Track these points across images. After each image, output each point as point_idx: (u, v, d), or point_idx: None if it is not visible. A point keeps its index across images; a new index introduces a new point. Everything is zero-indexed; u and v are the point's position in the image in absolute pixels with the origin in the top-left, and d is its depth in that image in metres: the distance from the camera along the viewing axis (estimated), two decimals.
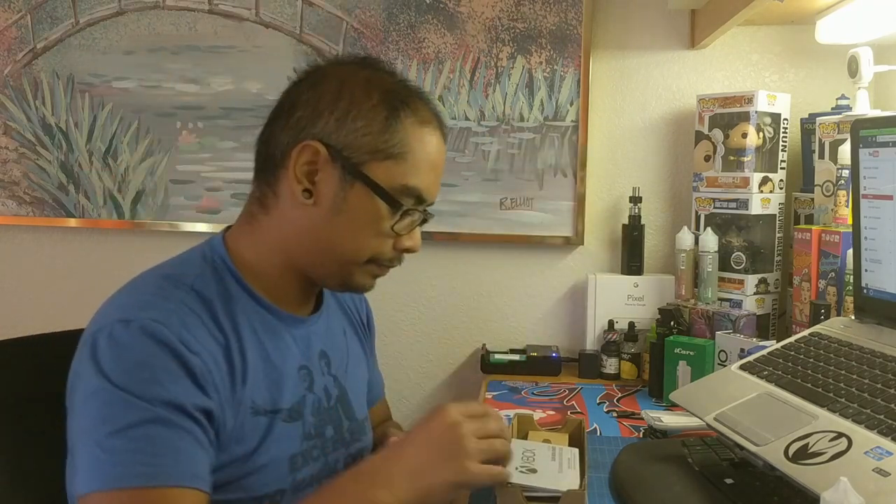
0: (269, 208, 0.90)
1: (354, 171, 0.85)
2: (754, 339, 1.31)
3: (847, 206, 1.35)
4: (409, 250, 0.92)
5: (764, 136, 1.54)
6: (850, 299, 1.24)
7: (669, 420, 1.16)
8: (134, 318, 0.78)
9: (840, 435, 0.79)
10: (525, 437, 1.02)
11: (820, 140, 1.47)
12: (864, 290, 1.08)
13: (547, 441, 0.97)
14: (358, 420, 1.01)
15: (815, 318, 1.25)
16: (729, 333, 1.36)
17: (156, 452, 0.74)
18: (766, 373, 1.00)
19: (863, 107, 1.43)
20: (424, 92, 0.94)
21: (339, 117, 0.86)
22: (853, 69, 1.43)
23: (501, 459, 0.82)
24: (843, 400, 0.86)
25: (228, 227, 0.95)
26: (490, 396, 1.45)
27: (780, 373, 0.99)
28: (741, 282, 1.57)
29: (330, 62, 0.93)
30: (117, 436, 0.73)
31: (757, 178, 1.54)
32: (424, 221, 0.92)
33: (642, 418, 1.26)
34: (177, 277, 0.85)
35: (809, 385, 0.93)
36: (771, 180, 1.56)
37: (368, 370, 1.12)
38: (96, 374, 0.76)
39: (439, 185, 0.94)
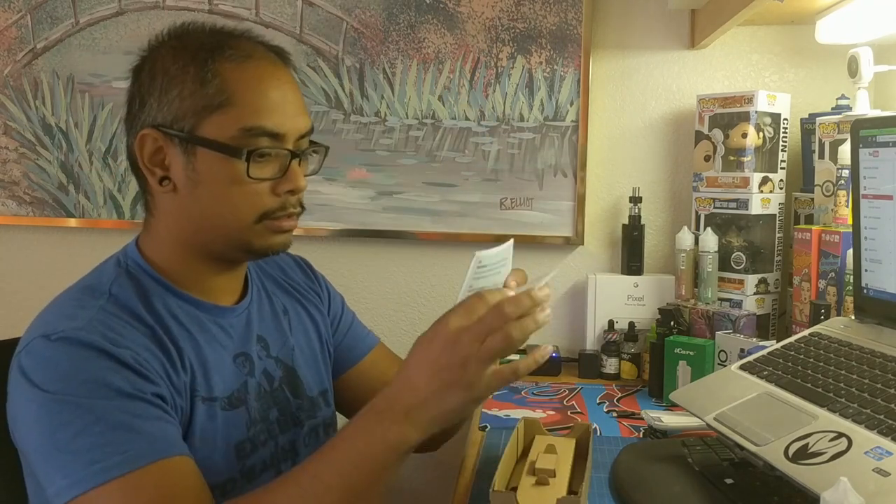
0: (151, 209, 0.90)
1: (188, 138, 0.83)
2: (754, 339, 1.31)
3: (847, 206, 1.35)
4: (291, 192, 0.87)
5: (764, 136, 1.54)
6: (850, 299, 1.24)
7: (669, 420, 1.16)
8: (53, 332, 0.78)
9: (840, 435, 0.79)
10: (531, 442, 1.02)
11: (820, 140, 1.47)
12: (864, 290, 1.08)
13: (552, 446, 0.97)
14: (310, 397, 1.00)
15: (815, 318, 1.25)
16: (729, 333, 1.36)
17: (124, 439, 0.73)
18: (766, 373, 1.00)
19: (863, 107, 1.43)
20: (246, 30, 0.90)
21: (158, 96, 0.84)
22: (853, 69, 1.43)
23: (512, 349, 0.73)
24: (843, 400, 0.86)
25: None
26: (490, 397, 1.45)
27: (780, 373, 0.99)
28: (741, 282, 1.57)
29: (147, 48, 0.89)
30: (79, 437, 0.73)
31: (757, 178, 1.54)
32: (296, 157, 0.87)
33: (642, 418, 1.26)
34: (93, 287, 0.85)
35: (809, 385, 0.93)
36: (771, 180, 1.56)
37: (338, 332, 1.11)
38: (33, 390, 0.75)
39: (297, 115, 0.87)
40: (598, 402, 1.41)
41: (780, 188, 1.58)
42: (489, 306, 0.73)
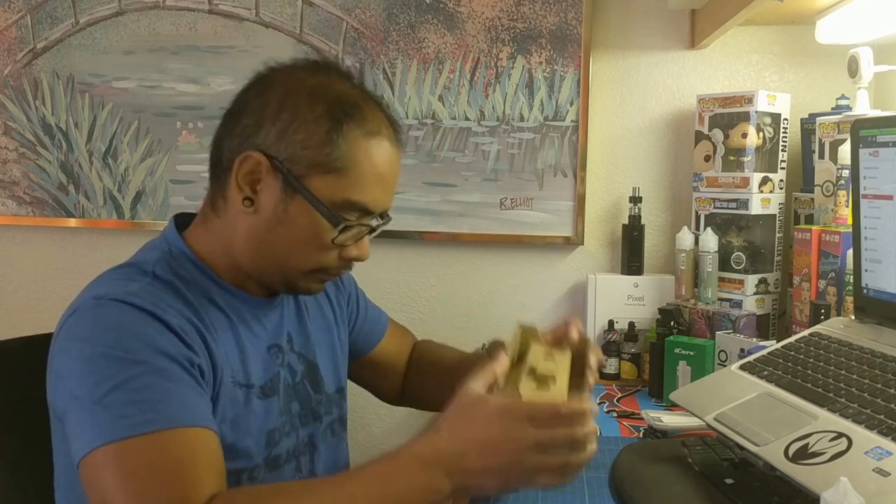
0: (219, 211, 0.92)
1: (295, 183, 0.85)
2: (754, 339, 1.31)
3: (847, 206, 1.35)
4: (356, 259, 0.91)
5: (764, 136, 1.54)
6: (850, 299, 1.24)
7: (669, 420, 1.16)
8: (105, 295, 0.80)
9: (840, 435, 0.79)
10: (526, 350, 0.98)
11: (820, 140, 1.47)
12: (864, 290, 1.07)
13: (550, 356, 0.93)
14: (328, 393, 1.02)
15: (815, 318, 1.25)
16: (729, 333, 1.36)
17: (155, 399, 0.75)
18: (766, 373, 1.00)
19: (863, 107, 1.43)
20: (377, 97, 0.93)
21: (281, 129, 0.85)
22: (853, 69, 1.43)
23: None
24: (843, 400, 0.86)
25: (179, 217, 0.96)
26: None
27: (780, 373, 0.99)
28: (741, 282, 1.57)
29: (281, 68, 0.92)
30: (114, 392, 0.74)
31: (757, 178, 1.54)
32: (373, 231, 0.92)
33: (642, 418, 1.26)
34: (138, 265, 0.88)
35: (809, 385, 0.93)
36: (771, 180, 1.56)
37: (358, 316, 1.14)
38: (80, 343, 0.78)
39: (390, 194, 0.92)
40: (598, 402, 1.41)
41: (780, 188, 1.58)
42: (565, 426, 0.73)
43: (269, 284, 0.93)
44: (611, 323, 1.60)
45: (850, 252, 1.18)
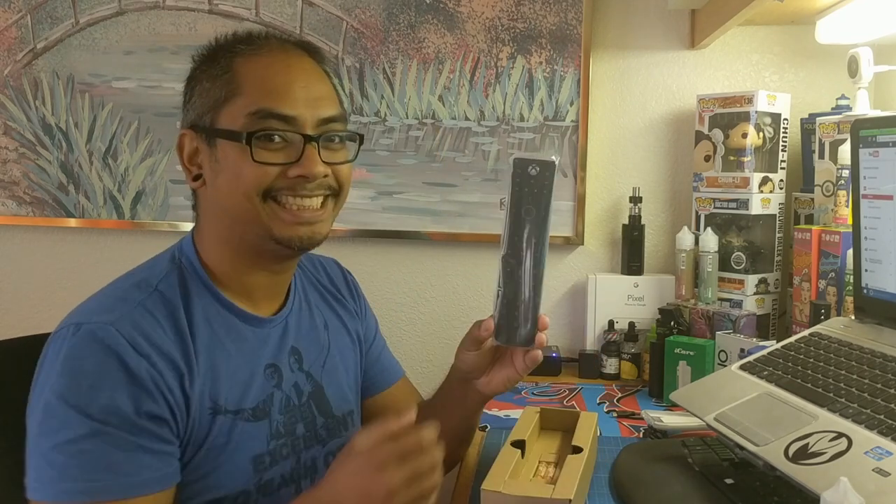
0: (196, 209, 0.93)
1: (209, 129, 0.87)
2: (754, 339, 1.31)
3: (847, 206, 1.35)
4: (301, 176, 0.85)
5: (764, 136, 1.54)
6: (850, 299, 1.24)
7: (669, 420, 1.16)
8: (85, 322, 0.79)
9: (840, 435, 0.79)
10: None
11: (820, 140, 1.47)
12: (864, 290, 1.08)
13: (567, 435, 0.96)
14: (336, 416, 1.00)
15: (815, 318, 1.25)
16: (729, 333, 1.36)
17: (97, 468, 0.75)
18: (766, 373, 1.00)
19: (863, 107, 1.43)
20: (270, 31, 0.95)
21: (189, 98, 0.90)
22: (853, 69, 1.43)
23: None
24: (843, 400, 0.86)
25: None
26: None
27: (780, 373, 0.99)
28: (741, 282, 1.57)
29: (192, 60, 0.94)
30: (59, 450, 0.75)
31: (757, 178, 1.54)
32: (312, 141, 0.85)
33: (642, 418, 1.26)
34: (143, 280, 0.86)
35: (809, 385, 0.93)
36: (771, 180, 1.56)
37: (367, 357, 1.11)
38: (45, 381, 0.79)
39: (312, 96, 0.87)
40: (598, 402, 1.41)
41: (780, 188, 1.58)
42: (421, 448, 0.75)
43: (264, 249, 0.89)
44: (611, 323, 1.60)
45: (850, 252, 1.18)
